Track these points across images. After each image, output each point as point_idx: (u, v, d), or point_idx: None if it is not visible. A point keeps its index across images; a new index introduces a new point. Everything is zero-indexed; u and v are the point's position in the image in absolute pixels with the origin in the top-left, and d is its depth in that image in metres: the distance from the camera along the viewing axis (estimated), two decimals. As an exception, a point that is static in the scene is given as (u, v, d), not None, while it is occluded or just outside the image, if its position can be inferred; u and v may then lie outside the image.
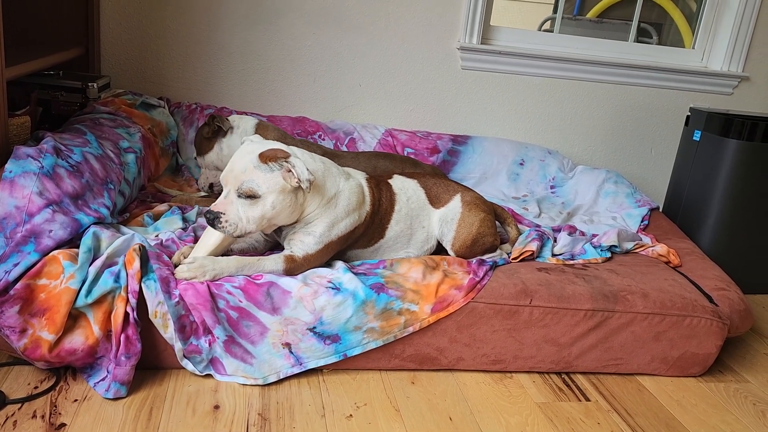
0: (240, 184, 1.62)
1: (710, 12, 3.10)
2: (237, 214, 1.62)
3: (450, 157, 2.77)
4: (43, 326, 1.47)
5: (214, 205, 1.64)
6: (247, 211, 1.62)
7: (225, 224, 1.62)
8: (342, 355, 1.66)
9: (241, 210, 1.63)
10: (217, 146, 2.22)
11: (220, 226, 1.62)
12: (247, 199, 1.62)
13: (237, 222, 1.62)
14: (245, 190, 1.61)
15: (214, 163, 2.24)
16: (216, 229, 1.64)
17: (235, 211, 1.62)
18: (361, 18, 2.76)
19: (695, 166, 2.54)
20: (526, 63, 2.93)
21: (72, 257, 1.52)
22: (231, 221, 1.62)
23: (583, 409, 1.68)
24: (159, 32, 2.66)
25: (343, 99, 2.86)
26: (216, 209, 1.63)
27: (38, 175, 1.59)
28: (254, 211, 1.63)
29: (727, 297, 1.93)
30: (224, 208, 1.63)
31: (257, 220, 1.64)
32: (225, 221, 1.62)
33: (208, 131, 2.21)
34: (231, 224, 1.62)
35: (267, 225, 1.68)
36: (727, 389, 1.86)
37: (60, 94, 2.25)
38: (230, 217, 1.62)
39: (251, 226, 1.64)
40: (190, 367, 1.59)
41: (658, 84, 3.07)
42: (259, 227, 1.66)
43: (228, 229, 1.63)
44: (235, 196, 1.63)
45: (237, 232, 1.64)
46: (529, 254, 2.01)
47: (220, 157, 2.22)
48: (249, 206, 1.62)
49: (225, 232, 1.63)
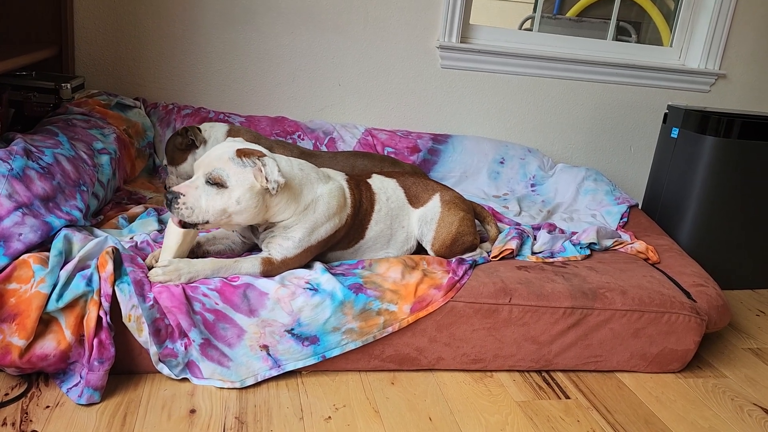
0: (211, 170, 1.58)
1: (687, 11, 3.13)
2: (197, 200, 1.57)
3: (430, 156, 2.77)
4: (13, 332, 1.44)
5: (177, 186, 1.59)
6: (210, 200, 1.58)
7: (181, 206, 1.56)
8: (321, 356, 1.65)
9: (204, 197, 1.58)
10: (190, 157, 2.24)
11: (176, 207, 1.56)
12: (214, 186, 1.58)
13: (194, 206, 1.57)
14: (214, 176, 1.58)
15: (188, 173, 2.23)
16: (171, 211, 1.57)
17: (196, 196, 1.58)
18: (339, 17, 2.74)
19: (673, 163, 2.56)
20: (506, 62, 2.93)
21: (43, 261, 1.49)
22: (188, 204, 1.56)
23: (563, 407, 1.68)
24: (135, 31, 2.62)
25: (323, 99, 2.84)
26: (177, 190, 1.58)
27: (7, 177, 1.56)
28: (217, 201, 1.58)
29: (705, 293, 1.94)
30: (186, 190, 1.58)
31: (217, 212, 1.59)
32: (182, 203, 1.56)
33: (182, 142, 2.20)
34: (188, 207, 1.56)
35: (225, 221, 1.62)
36: (706, 385, 1.87)
37: (32, 95, 2.21)
38: (188, 200, 1.57)
39: (208, 215, 1.58)
40: (165, 371, 1.56)
41: (637, 82, 3.09)
42: (216, 220, 1.60)
43: (183, 212, 1.56)
44: (203, 181, 1.59)
45: (191, 218, 1.57)
46: (508, 252, 2.01)
47: (194, 167, 2.21)
48: (214, 194, 1.58)
49: (178, 214, 1.57)
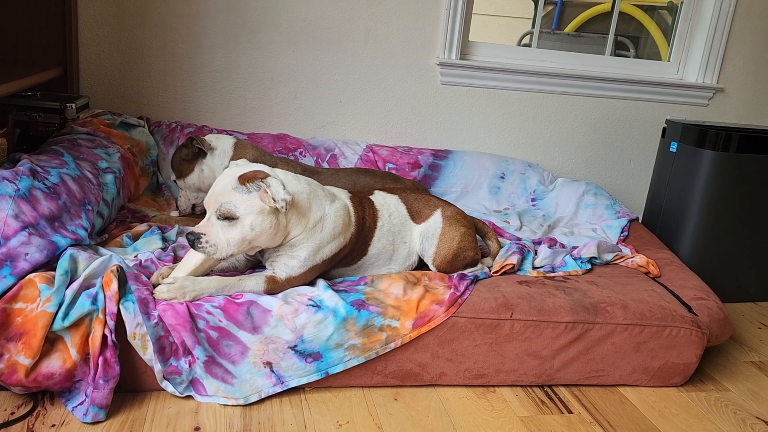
0: (219, 206, 1.61)
1: (684, 25, 3.16)
2: (217, 236, 1.62)
3: (431, 172, 2.79)
4: (19, 351, 1.45)
5: (197, 227, 1.64)
6: (227, 233, 1.62)
7: (205, 245, 1.61)
8: (324, 372, 1.65)
9: (221, 232, 1.62)
10: (197, 168, 2.21)
11: (200, 246, 1.61)
12: (226, 220, 1.61)
13: (216, 243, 1.62)
14: (223, 212, 1.61)
15: (196, 185, 2.23)
16: (197, 250, 1.63)
17: (215, 234, 1.62)
18: (340, 35, 2.78)
19: (672, 177, 2.58)
20: (505, 77, 2.96)
21: (48, 280, 1.51)
22: (211, 242, 1.61)
23: (566, 422, 1.68)
24: (138, 51, 2.66)
25: (324, 115, 2.87)
26: (197, 230, 1.63)
27: (14, 197, 1.58)
28: (233, 233, 1.62)
29: (706, 306, 1.95)
30: (205, 230, 1.62)
31: (238, 243, 1.63)
32: (205, 242, 1.61)
33: (188, 153, 2.20)
34: (211, 245, 1.61)
35: (249, 247, 1.67)
36: (708, 398, 1.88)
37: (38, 115, 2.24)
38: (210, 239, 1.61)
39: (232, 248, 1.63)
40: (170, 388, 1.57)
41: (635, 96, 3.11)
42: (241, 249, 1.65)
43: (209, 250, 1.62)
44: (215, 217, 1.62)
45: (218, 254, 1.62)
46: (509, 267, 2.02)
47: (201, 178, 2.22)
48: (228, 228, 1.62)
49: (206, 253, 1.62)
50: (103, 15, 2.58)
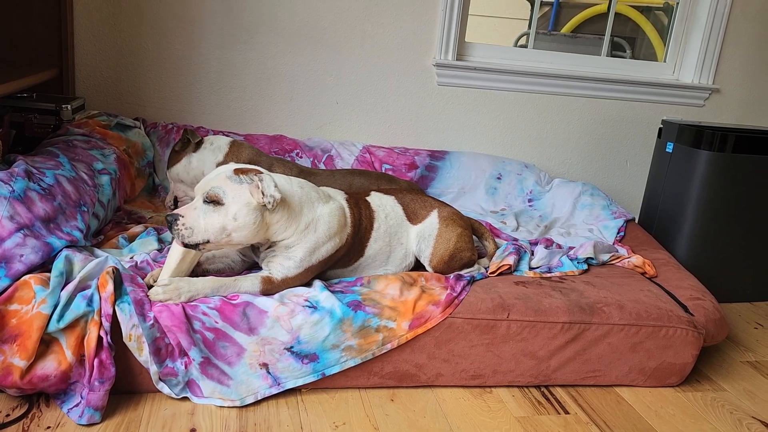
0: (208, 189, 1.61)
1: (680, 26, 3.17)
2: (196, 221, 1.60)
3: (428, 173, 2.79)
4: (14, 352, 1.44)
5: (177, 210, 1.63)
6: (208, 218, 1.60)
7: (181, 227, 1.60)
8: (320, 374, 1.65)
9: (202, 216, 1.61)
10: (185, 159, 2.23)
11: (176, 229, 1.60)
12: (211, 204, 1.61)
13: (193, 226, 1.60)
14: (210, 195, 1.60)
15: (180, 176, 2.24)
16: (171, 233, 1.61)
17: (195, 217, 1.61)
18: (336, 36, 2.78)
19: (669, 177, 2.58)
20: (502, 78, 2.96)
21: (44, 282, 1.50)
22: (188, 225, 1.60)
23: (563, 422, 1.68)
24: (134, 52, 2.65)
25: (321, 116, 2.87)
26: (177, 212, 1.62)
27: (9, 199, 1.57)
28: (215, 219, 1.60)
29: (702, 306, 1.95)
30: (185, 212, 1.61)
31: (216, 230, 1.61)
32: (182, 224, 1.60)
33: (178, 143, 2.24)
34: (187, 228, 1.60)
35: (226, 240, 1.64)
36: (705, 398, 1.88)
37: (33, 117, 2.23)
38: (188, 221, 1.60)
39: (208, 234, 1.61)
40: (165, 390, 1.57)
41: (632, 97, 3.12)
42: (217, 239, 1.62)
43: (182, 233, 1.60)
44: (201, 201, 1.62)
45: (191, 238, 1.60)
46: (506, 268, 2.02)
47: (187, 170, 2.23)
48: (211, 213, 1.60)
49: (179, 236, 1.60)
50: (99, 16, 2.58)
